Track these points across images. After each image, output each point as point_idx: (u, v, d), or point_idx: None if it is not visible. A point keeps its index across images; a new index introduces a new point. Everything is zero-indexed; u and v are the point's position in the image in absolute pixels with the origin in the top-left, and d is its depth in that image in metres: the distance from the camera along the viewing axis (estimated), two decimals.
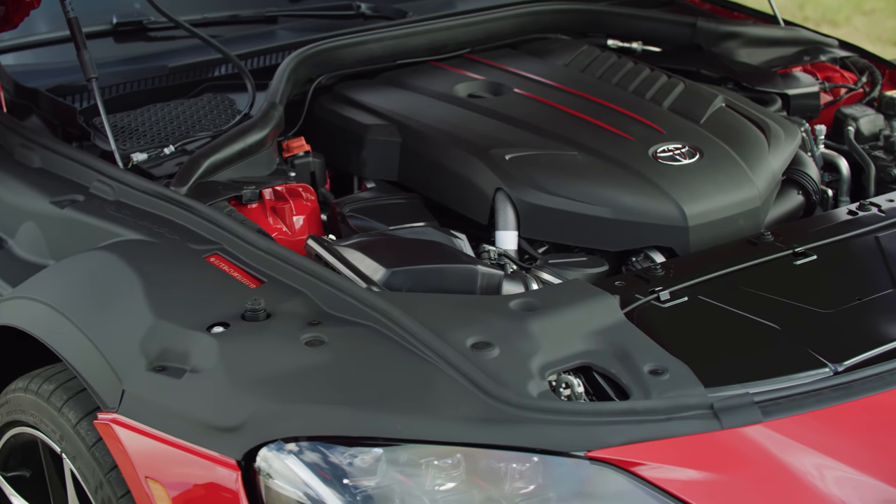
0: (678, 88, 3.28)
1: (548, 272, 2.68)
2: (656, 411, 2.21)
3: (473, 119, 3.10)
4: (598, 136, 3.00)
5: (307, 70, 3.32)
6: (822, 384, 2.32)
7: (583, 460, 2.15)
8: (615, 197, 2.80)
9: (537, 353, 2.30)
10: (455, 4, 3.86)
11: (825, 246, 2.77)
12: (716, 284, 2.62)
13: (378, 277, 2.51)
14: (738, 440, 2.21)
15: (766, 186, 2.92)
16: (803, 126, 3.29)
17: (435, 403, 2.18)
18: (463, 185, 2.91)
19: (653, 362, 2.32)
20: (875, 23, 9.04)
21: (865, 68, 3.72)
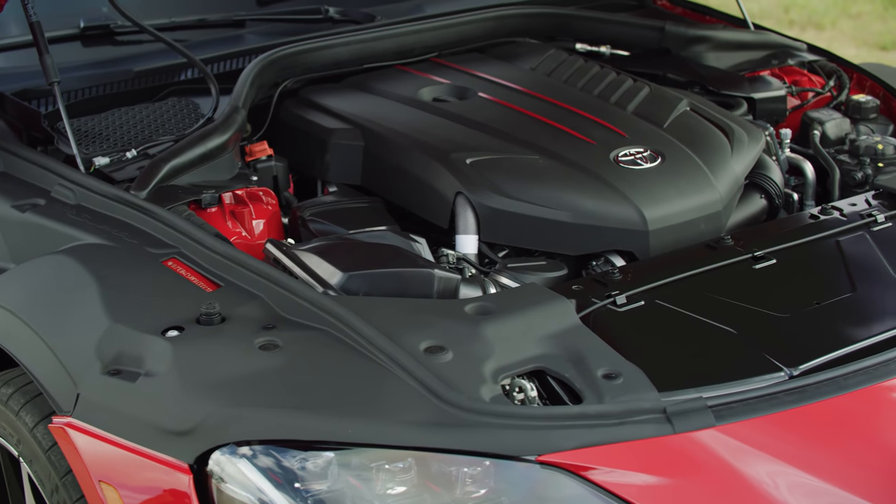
0: (643, 92, 3.28)
1: (506, 276, 2.68)
2: (609, 415, 2.21)
3: (436, 123, 3.10)
4: (560, 140, 3.00)
5: (273, 74, 3.32)
6: (777, 388, 2.32)
7: (534, 464, 2.15)
8: (575, 201, 2.80)
9: (491, 357, 2.30)
10: (424, 8, 3.85)
11: (785, 250, 2.77)
12: (673, 288, 2.62)
13: (335, 281, 2.51)
14: (691, 444, 2.21)
15: (728, 190, 2.92)
16: (767, 130, 3.29)
17: (387, 407, 2.18)
18: (424, 189, 2.91)
19: (607, 366, 2.32)
20: (861, 26, 9.05)
21: (833, 72, 3.71)
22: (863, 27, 9.04)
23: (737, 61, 3.75)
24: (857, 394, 2.35)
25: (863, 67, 3.66)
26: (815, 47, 3.79)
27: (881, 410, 2.37)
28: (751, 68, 3.72)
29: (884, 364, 2.41)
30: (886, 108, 3.54)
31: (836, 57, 3.74)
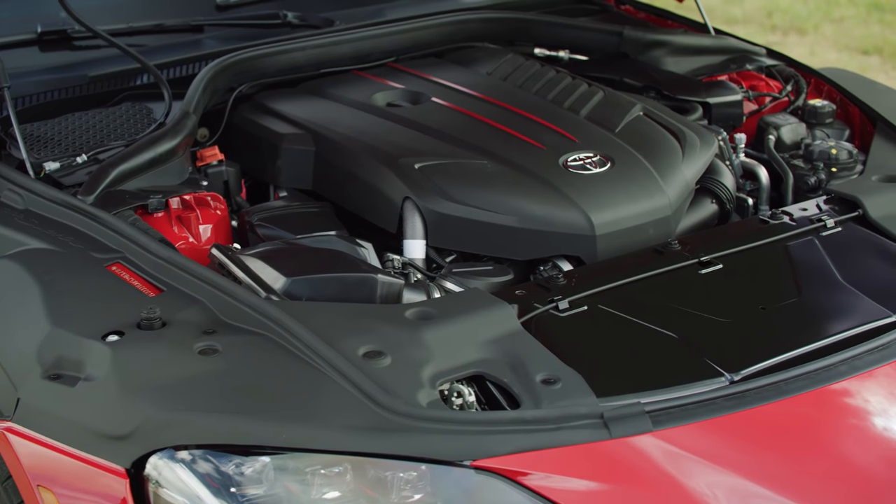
0: (597, 97, 3.28)
1: (451, 281, 2.68)
2: (545, 420, 2.21)
3: (387, 128, 3.10)
4: (510, 145, 3.00)
5: (227, 79, 3.32)
6: (716, 394, 2.33)
7: (469, 470, 2.16)
8: (522, 206, 2.79)
9: (429, 363, 2.31)
10: (385, 14, 3.84)
11: (732, 255, 2.77)
12: (617, 293, 2.62)
13: (278, 286, 2.51)
14: (628, 450, 2.22)
15: (678, 195, 2.92)
16: (721, 135, 3.29)
17: (323, 412, 2.19)
18: (373, 194, 2.91)
19: (546, 371, 2.32)
20: (844, 31, 9.05)
21: (791, 77, 3.71)
22: (845, 32, 9.04)
23: (695, 66, 3.75)
24: (798, 398, 2.36)
25: (820, 72, 3.66)
26: (773, 52, 3.79)
27: (821, 415, 2.38)
28: (709, 73, 3.72)
29: (825, 369, 2.42)
30: (843, 113, 3.54)
31: (794, 62, 3.73)
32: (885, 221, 2.91)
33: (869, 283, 2.73)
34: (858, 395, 2.42)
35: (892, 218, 2.92)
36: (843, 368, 2.42)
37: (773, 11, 9.58)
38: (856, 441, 2.36)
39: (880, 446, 2.36)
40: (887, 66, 8.25)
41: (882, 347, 2.49)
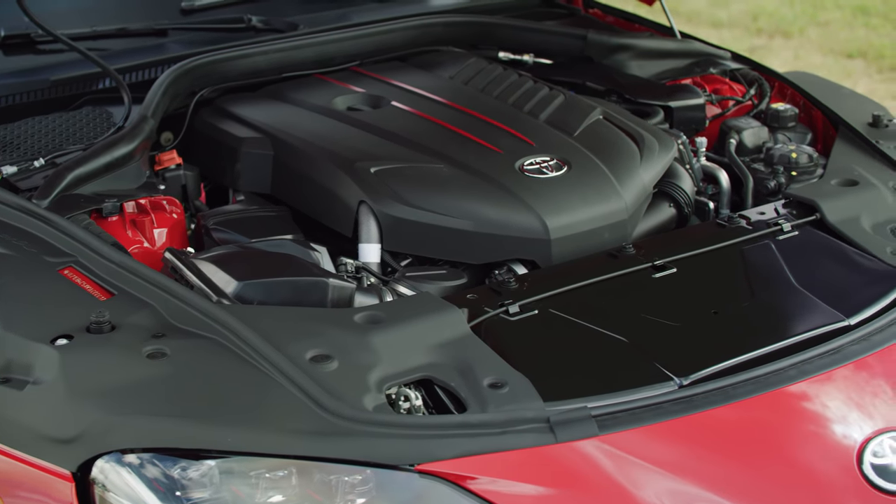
0: (557, 101, 3.28)
1: (404, 285, 2.68)
2: (491, 425, 2.21)
3: (346, 132, 3.10)
4: (467, 149, 3.00)
5: (189, 83, 3.32)
6: (663, 398, 2.33)
7: (413, 474, 2.16)
8: (477, 210, 2.79)
9: (377, 367, 2.32)
10: (350, 18, 3.84)
11: (687, 259, 2.77)
12: (569, 297, 2.62)
13: (230, 290, 2.52)
14: (573, 454, 2.22)
15: (635, 199, 2.92)
16: (680, 138, 3.29)
17: (268, 416, 2.19)
18: (329, 198, 2.91)
19: (493, 376, 2.32)
20: (829, 34, 9.06)
21: (755, 80, 3.71)
22: (830, 35, 9.05)
23: (659, 70, 3.75)
24: (746, 402, 2.36)
25: (784, 76, 3.66)
26: (738, 56, 3.79)
27: (769, 419, 2.38)
28: (673, 77, 3.72)
29: (774, 373, 2.42)
30: (807, 117, 3.54)
31: (758, 65, 3.73)
32: (842, 225, 2.90)
33: (824, 287, 2.73)
34: (807, 399, 2.43)
35: (850, 222, 2.91)
36: (793, 372, 2.43)
37: (758, 15, 9.59)
38: (802, 445, 2.37)
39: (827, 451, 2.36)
40: (871, 70, 8.26)
41: (833, 351, 2.49)
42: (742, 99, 3.63)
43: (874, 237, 2.87)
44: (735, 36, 9.11)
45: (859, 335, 2.54)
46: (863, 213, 2.95)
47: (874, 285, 2.74)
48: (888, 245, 2.84)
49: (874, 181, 3.07)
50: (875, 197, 3.02)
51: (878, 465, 2.34)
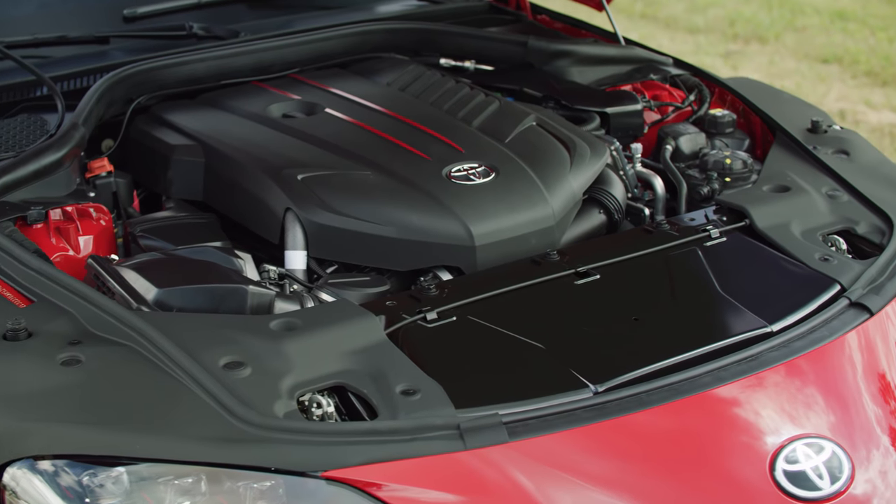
0: (491, 107, 3.28)
1: (327, 292, 2.68)
2: (400, 431, 2.22)
3: (277, 139, 3.11)
4: (396, 156, 3.01)
5: (125, 91, 3.32)
6: (576, 405, 2.33)
7: (320, 480, 2.17)
8: (402, 217, 2.80)
9: (290, 373, 2.33)
10: (295, 25, 3.84)
11: (611, 265, 2.77)
12: (489, 304, 2.62)
13: (150, 297, 2.53)
14: (483, 461, 2.23)
15: (563, 206, 2.92)
16: (613, 145, 3.29)
17: (179, 423, 2.21)
18: (257, 205, 2.92)
19: (406, 382, 2.33)
20: (805, 40, 9.07)
21: (695, 86, 3.71)
22: (807, 41, 9.06)
23: (600, 76, 3.75)
24: (659, 409, 2.37)
25: (724, 81, 3.66)
26: (680, 61, 3.79)
27: (681, 426, 2.39)
28: (613, 83, 3.72)
29: (689, 380, 2.42)
30: (746, 123, 3.54)
31: (700, 71, 3.73)
32: (771, 231, 2.90)
33: (748, 293, 2.73)
34: (722, 405, 2.43)
35: (779, 228, 2.91)
36: (708, 379, 2.44)
37: (735, 20, 9.60)
38: (715, 452, 2.37)
39: (740, 457, 2.37)
40: (845, 75, 8.27)
41: (751, 358, 2.50)
42: (681, 105, 3.63)
43: (803, 243, 2.87)
44: (711, 41, 9.12)
45: (779, 342, 2.55)
46: (793, 219, 2.95)
47: (799, 292, 2.74)
48: (817, 251, 2.84)
49: (807, 187, 3.07)
50: (807, 203, 3.01)
51: (791, 472, 2.34)
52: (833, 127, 3.42)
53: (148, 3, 3.76)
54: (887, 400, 2.57)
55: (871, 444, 2.47)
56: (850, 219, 2.99)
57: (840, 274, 2.77)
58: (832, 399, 2.51)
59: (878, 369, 2.60)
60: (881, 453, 2.48)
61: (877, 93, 7.86)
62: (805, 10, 9.82)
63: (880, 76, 8.19)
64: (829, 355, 2.56)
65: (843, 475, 2.38)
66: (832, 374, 2.54)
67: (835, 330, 2.61)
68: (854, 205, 3.04)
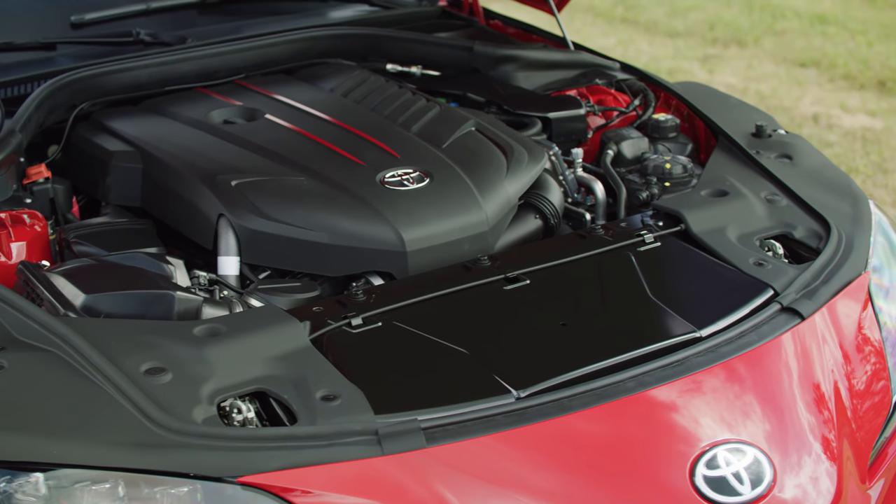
0: (431, 113, 3.29)
1: (256, 297, 2.69)
2: (318, 437, 2.23)
3: (215, 145, 3.12)
4: (331, 162, 3.01)
5: (67, 97, 3.32)
6: (495, 410, 2.34)
7: (236, 486, 2.18)
8: (333, 222, 2.80)
9: (211, 379, 2.34)
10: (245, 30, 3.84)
11: (542, 270, 2.78)
12: (416, 309, 2.62)
13: (78, 303, 2.54)
14: (401, 466, 2.24)
15: (497, 211, 2.92)
16: (552, 150, 3.29)
17: (97, 428, 2.22)
18: (191, 211, 2.92)
19: (327, 388, 2.34)
20: (785, 43, 9.08)
21: (640, 91, 3.71)
22: (786, 44, 9.06)
23: (546, 81, 3.75)
24: (580, 414, 2.37)
25: (670, 86, 3.66)
26: (627, 66, 3.79)
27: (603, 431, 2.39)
28: (559, 87, 3.73)
29: (612, 385, 2.43)
30: (691, 128, 3.54)
31: (646, 76, 3.73)
32: (706, 236, 2.91)
33: (679, 298, 2.74)
34: (645, 411, 2.44)
35: (715, 233, 2.92)
36: (632, 384, 2.44)
37: (715, 24, 9.60)
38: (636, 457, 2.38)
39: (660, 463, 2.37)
40: (822, 79, 8.28)
41: (676, 363, 2.50)
42: (626, 109, 3.63)
43: (739, 248, 2.87)
44: (689, 45, 9.13)
45: (706, 347, 2.55)
46: (730, 223, 2.96)
47: (731, 297, 2.75)
48: (751, 256, 2.84)
49: (745, 192, 3.07)
50: (744, 207, 3.02)
51: (711, 477, 2.34)
52: (778, 131, 3.42)
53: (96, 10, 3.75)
54: (817, 405, 2.57)
55: (797, 449, 2.47)
56: (788, 223, 3.00)
57: (773, 279, 2.77)
58: (758, 404, 2.51)
59: (808, 374, 2.60)
60: (809, 458, 2.48)
61: (853, 96, 7.86)
62: (786, 14, 9.83)
63: (857, 80, 8.19)
64: (756, 360, 2.57)
65: (765, 480, 2.38)
66: (759, 379, 2.55)
67: (764, 335, 2.61)
68: (792, 209, 3.04)
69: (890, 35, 9.13)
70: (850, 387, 2.65)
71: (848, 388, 2.64)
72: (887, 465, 2.65)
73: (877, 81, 8.14)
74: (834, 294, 2.76)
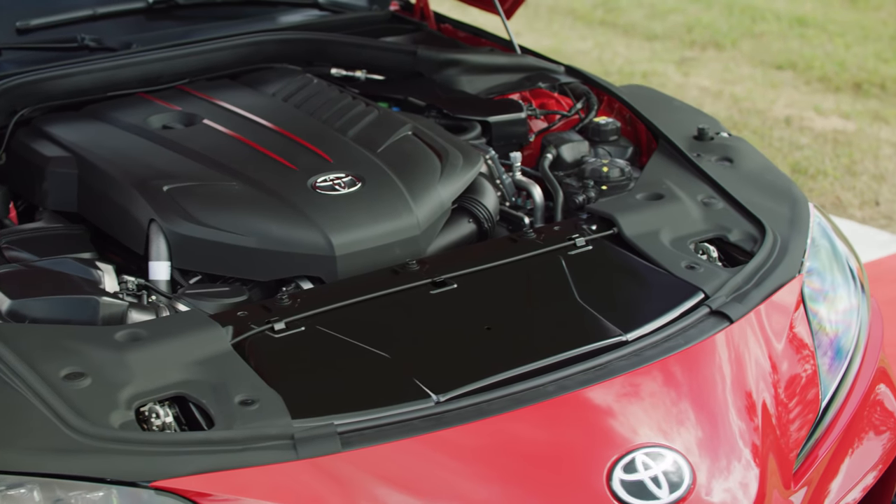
0: (369, 117, 3.29)
1: (184, 302, 2.69)
2: (233, 441, 2.25)
3: (151, 151, 3.13)
4: (264, 167, 3.03)
5: (8, 103, 3.33)
6: (413, 414, 2.35)
7: (149, 490, 2.19)
8: (263, 227, 2.82)
9: (130, 384, 2.36)
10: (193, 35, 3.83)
11: (471, 274, 2.78)
12: (341, 314, 2.63)
13: (3, 308, 2.56)
14: (316, 471, 2.26)
15: (429, 215, 2.93)
16: (489, 154, 3.30)
17: (13, 433, 2.24)
18: (124, 217, 2.94)
19: (245, 393, 2.35)
20: (762, 46, 9.08)
21: (583, 94, 3.71)
22: (764, 47, 9.06)
23: (490, 85, 3.76)
24: (497, 418, 2.38)
25: (613, 89, 3.65)
26: (572, 69, 3.79)
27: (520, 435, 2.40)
28: (503, 91, 3.73)
29: (532, 390, 2.43)
30: (633, 131, 3.55)
31: (590, 79, 3.73)
32: (639, 240, 2.91)
33: (608, 302, 2.74)
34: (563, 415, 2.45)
35: (648, 236, 2.92)
36: (552, 388, 2.45)
37: (694, 27, 9.60)
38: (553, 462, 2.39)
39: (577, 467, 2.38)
40: (798, 81, 8.28)
41: (598, 367, 2.51)
42: (567, 113, 3.63)
43: (671, 251, 2.88)
44: (667, 48, 9.13)
45: (630, 351, 2.56)
46: (664, 227, 2.96)
47: (660, 300, 2.75)
48: (683, 259, 2.84)
49: (681, 195, 3.07)
50: (679, 211, 3.02)
51: (628, 481, 2.35)
52: (721, 134, 3.43)
53: (42, 15, 3.75)
54: (742, 409, 2.57)
55: (719, 454, 2.48)
56: (723, 226, 3.00)
57: (704, 282, 2.77)
58: (680, 408, 2.52)
59: (734, 378, 2.61)
60: (731, 463, 2.49)
61: (828, 99, 7.87)
62: (766, 17, 9.83)
63: (833, 82, 8.20)
64: (681, 364, 2.58)
65: (684, 484, 2.39)
66: (683, 383, 2.56)
67: (691, 338, 2.62)
68: (729, 212, 3.05)
69: (868, 37, 9.14)
70: (777, 391, 2.66)
71: (775, 392, 2.65)
72: (813, 470, 2.65)
73: (853, 83, 8.14)
74: (765, 297, 2.77)
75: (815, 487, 2.64)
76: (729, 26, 9.62)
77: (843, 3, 10.26)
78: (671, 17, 9.94)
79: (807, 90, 8.12)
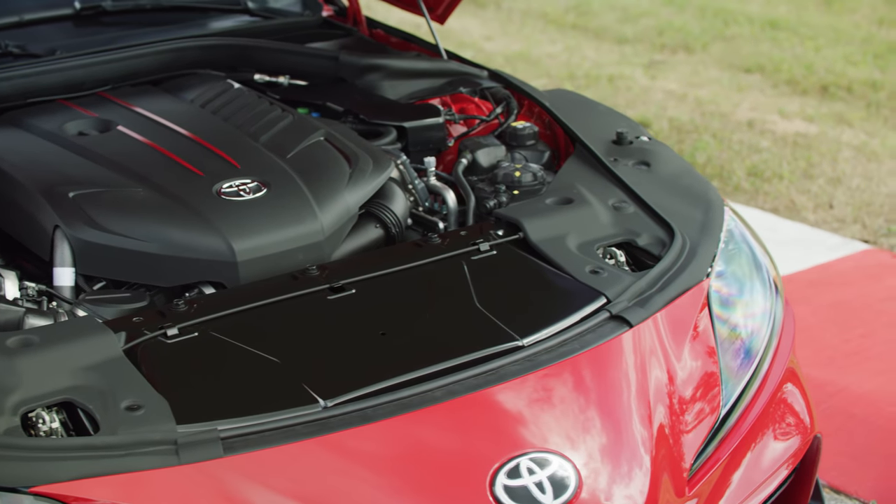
0: (283, 122, 3.31)
1: (83, 308, 2.71)
2: (116, 446, 2.26)
3: (62, 157, 3.15)
4: (171, 173, 3.04)
5: None
6: (297, 420, 2.36)
7: (29, 496, 2.19)
8: (165, 233, 2.84)
9: (17, 390, 2.37)
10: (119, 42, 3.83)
11: (370, 280, 2.80)
12: (236, 319, 2.65)
13: None
14: (199, 476, 2.27)
15: (334, 221, 2.95)
16: (400, 159, 3.31)
17: None
18: (30, 223, 2.95)
19: (132, 398, 2.37)
20: (733, 49, 9.08)
21: (504, 98, 3.72)
22: (734, 50, 9.07)
23: (412, 89, 3.77)
24: (383, 424, 2.39)
25: (533, 93, 3.65)
26: (495, 73, 3.80)
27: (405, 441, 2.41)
28: (424, 96, 3.74)
29: (419, 395, 2.45)
30: (552, 135, 3.55)
31: (512, 84, 3.73)
32: (543, 244, 2.92)
33: (507, 307, 2.75)
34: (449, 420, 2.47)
35: (553, 241, 2.93)
36: (440, 394, 2.46)
37: (665, 30, 9.61)
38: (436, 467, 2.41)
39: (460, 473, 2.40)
40: (765, 84, 8.28)
41: (489, 373, 2.52)
42: (487, 118, 3.64)
43: (577, 256, 2.89)
44: (637, 51, 9.14)
45: (523, 356, 2.56)
46: (571, 231, 2.97)
47: (561, 305, 2.77)
48: (588, 264, 2.85)
49: (591, 199, 3.08)
50: (587, 215, 3.03)
51: (511, 487, 2.37)
52: (640, 138, 3.44)
53: None
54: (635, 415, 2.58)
55: (607, 459, 2.50)
56: (632, 230, 3.01)
57: (607, 286, 2.78)
58: (571, 413, 2.53)
59: (630, 383, 2.62)
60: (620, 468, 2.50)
61: (794, 101, 7.88)
62: (738, 20, 9.83)
63: (800, 85, 8.21)
64: (575, 369, 2.59)
65: (569, 489, 2.40)
66: (575, 389, 2.57)
67: (587, 343, 2.63)
68: (639, 216, 3.06)
69: (840, 40, 9.15)
70: (673, 396, 2.67)
71: (671, 396, 2.66)
72: (711, 474, 2.66)
73: (820, 87, 8.15)
74: (668, 302, 2.78)
75: (711, 492, 2.65)
76: (701, 29, 9.63)
77: (818, 6, 10.27)
78: (643, 20, 9.95)
79: (773, 93, 8.13)
